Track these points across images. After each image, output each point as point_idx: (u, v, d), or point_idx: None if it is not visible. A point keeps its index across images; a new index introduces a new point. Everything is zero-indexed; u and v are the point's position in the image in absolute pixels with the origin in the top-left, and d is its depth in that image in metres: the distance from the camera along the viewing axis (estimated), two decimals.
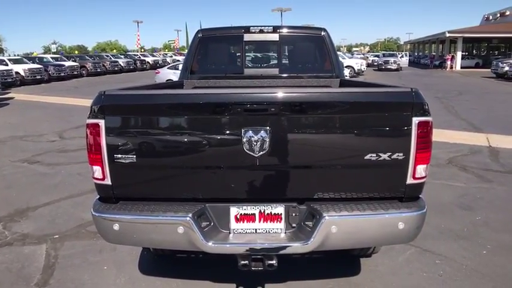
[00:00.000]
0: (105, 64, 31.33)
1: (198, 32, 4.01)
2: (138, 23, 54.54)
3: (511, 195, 4.68)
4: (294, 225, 2.15)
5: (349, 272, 3.01)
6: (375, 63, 36.22)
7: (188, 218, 2.02)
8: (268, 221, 2.15)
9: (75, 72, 27.13)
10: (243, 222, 2.15)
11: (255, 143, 1.98)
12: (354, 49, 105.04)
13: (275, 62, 4.08)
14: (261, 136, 1.97)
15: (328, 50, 4.00)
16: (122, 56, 38.35)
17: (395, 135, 2.06)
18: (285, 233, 2.15)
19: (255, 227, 2.15)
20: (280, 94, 2.02)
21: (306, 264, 3.12)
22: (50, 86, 21.68)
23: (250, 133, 1.97)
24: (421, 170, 2.08)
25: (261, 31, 3.94)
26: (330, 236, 2.02)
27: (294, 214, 2.13)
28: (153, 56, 43.41)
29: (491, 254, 3.29)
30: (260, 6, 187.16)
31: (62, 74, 25.44)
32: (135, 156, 2.03)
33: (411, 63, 42.69)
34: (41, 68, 23.34)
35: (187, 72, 3.99)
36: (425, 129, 2.03)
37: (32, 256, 3.32)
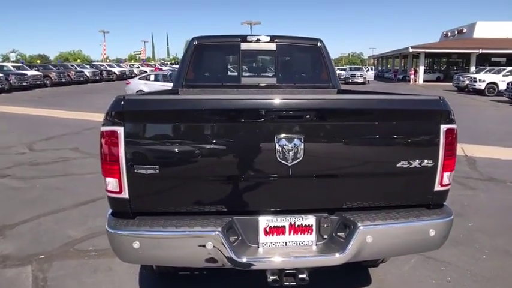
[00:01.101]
0: (70, 74, 30.17)
1: (193, 39, 3.90)
2: (104, 32, 53.31)
3: (494, 201, 4.87)
4: (325, 236, 2.06)
5: (359, 283, 2.96)
6: (342, 77, 37.18)
7: (218, 233, 1.87)
8: (299, 233, 2.03)
9: (38, 82, 25.86)
10: (273, 235, 2.02)
11: (288, 152, 1.88)
12: None
13: (272, 71, 4.04)
14: (295, 144, 1.88)
15: (324, 60, 4.02)
16: (88, 66, 37.16)
17: (425, 142, 2.05)
18: (316, 245, 2.05)
19: (285, 240, 2.03)
20: (316, 100, 1.96)
21: (315, 277, 3.04)
22: (12, 96, 20.53)
23: (283, 141, 1.88)
24: (447, 177, 2.09)
25: (258, 40, 3.89)
26: (365, 246, 1.95)
27: (325, 225, 2.03)
28: (120, 66, 42.41)
29: (491, 258, 3.36)
30: (229, 18, 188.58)
31: (24, 84, 24.18)
32: (157, 166, 1.86)
33: (376, 77, 44.20)
34: (1, 76, 22.10)
35: (181, 81, 3.85)
36: (451, 137, 2.04)
37: (17, 280, 3.01)
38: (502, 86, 21.25)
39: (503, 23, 40.98)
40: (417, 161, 2.00)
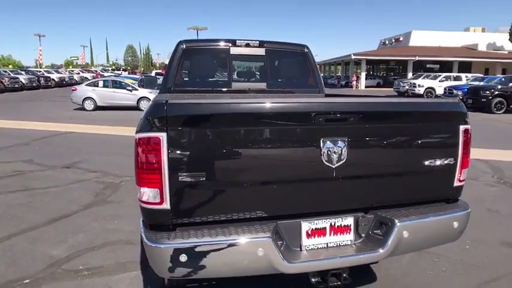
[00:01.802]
0: (3, 81, 27.72)
1: (180, 43, 3.79)
2: (40, 36, 49.72)
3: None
4: (362, 235, 2.12)
5: (367, 279, 3.04)
6: None
7: (268, 239, 1.83)
8: (338, 234, 2.07)
9: None
10: (314, 237, 2.03)
11: (333, 154, 1.93)
12: None
13: (262, 76, 4.04)
14: (340, 146, 1.93)
15: (311, 65, 4.13)
16: (23, 72, 34.36)
17: (447, 142, 2.20)
18: (355, 244, 2.10)
19: (326, 241, 2.05)
20: (358, 103, 2.01)
21: None
22: None
23: (329, 143, 1.92)
24: (464, 173, 2.25)
25: (248, 45, 3.89)
26: (402, 241, 2.04)
27: (363, 224, 2.10)
28: (59, 72, 39.84)
29: (473, 247, 3.64)
30: (173, 23, 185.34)
31: None
32: (203, 173, 1.78)
33: None
34: None
35: (170, 85, 3.72)
36: (467, 136, 2.21)
37: None
38: (439, 91, 23.42)
39: (436, 33, 44.79)
40: (441, 159, 2.15)
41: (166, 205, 1.81)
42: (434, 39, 43.17)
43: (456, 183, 2.26)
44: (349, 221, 2.09)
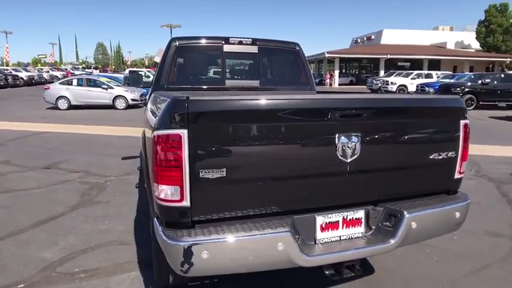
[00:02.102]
0: None
1: (173, 40, 3.74)
2: (6, 33, 47.53)
3: None
4: (373, 227, 2.18)
5: (365, 272, 3.12)
6: None
7: (288, 233, 1.85)
8: (350, 227, 2.13)
9: None
10: (328, 231, 2.08)
11: (348, 149, 1.98)
12: None
13: (255, 74, 4.05)
14: (354, 141, 1.99)
15: (303, 63, 4.18)
16: None
17: (449, 135, 2.30)
18: (365, 236, 2.16)
19: (338, 234, 2.11)
20: (371, 100, 2.07)
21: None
22: None
23: (343, 139, 1.97)
24: (463, 166, 2.35)
25: (241, 42, 3.89)
26: (410, 232, 2.11)
27: (373, 216, 2.17)
28: (27, 71, 38.24)
29: (460, 238, 3.80)
30: (146, 20, 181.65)
31: None
32: (224, 169, 1.78)
33: None
34: None
35: (163, 83, 3.67)
36: (467, 130, 2.32)
37: None
38: (411, 88, 24.17)
39: (406, 31, 46.11)
40: (444, 152, 2.24)
41: (186, 202, 1.80)
42: (405, 37, 44.44)
43: (456, 176, 2.37)
44: (360, 214, 2.15)
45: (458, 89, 17.35)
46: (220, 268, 1.86)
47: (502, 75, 18.65)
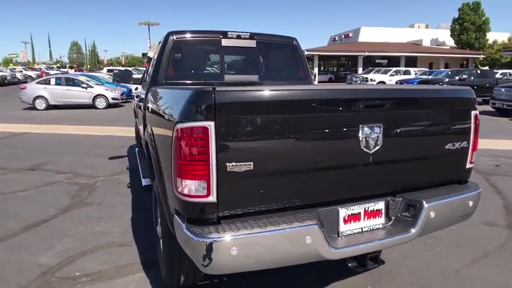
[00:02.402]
0: None
1: (170, 34, 3.64)
2: None
3: None
4: (392, 218, 2.19)
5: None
6: None
7: (316, 226, 1.83)
8: (371, 218, 2.12)
9: None
10: (350, 222, 2.06)
11: (371, 140, 1.98)
12: None
13: (253, 68, 3.99)
14: (376, 132, 1.98)
15: (300, 58, 4.17)
16: None
17: (463, 126, 2.32)
18: (385, 227, 2.16)
19: (360, 226, 2.10)
20: (393, 90, 2.07)
21: (327, 267, 3.12)
22: None
23: (366, 129, 1.97)
24: (474, 155, 2.38)
25: (239, 37, 3.83)
26: (429, 221, 2.13)
27: (393, 207, 2.17)
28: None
29: (459, 228, 3.86)
30: (122, 18, 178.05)
31: None
32: (251, 162, 1.73)
33: None
34: None
35: (161, 79, 3.56)
36: (477, 121, 2.36)
37: None
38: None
39: (383, 29, 46.88)
40: (458, 142, 2.27)
41: (213, 197, 1.73)
42: (382, 35, 45.19)
43: (468, 165, 2.41)
44: (380, 205, 2.15)
45: (437, 85, 17.79)
46: (248, 264, 1.80)
47: (478, 71, 19.26)
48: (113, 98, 16.08)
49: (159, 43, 4.07)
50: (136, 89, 19.96)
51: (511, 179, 5.72)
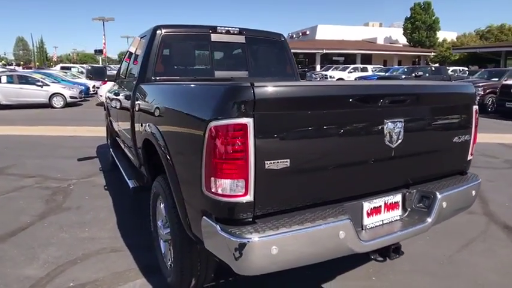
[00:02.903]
0: None
1: (157, 28, 3.48)
2: None
3: None
4: (408, 209, 2.25)
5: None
6: None
7: (348, 220, 1.84)
8: (390, 210, 2.17)
9: None
10: (372, 216, 2.10)
11: (394, 134, 2.03)
12: None
13: (243, 64, 3.93)
14: (399, 127, 2.04)
15: (288, 54, 4.17)
16: None
17: (467, 119, 2.44)
18: (402, 218, 2.22)
19: (381, 219, 2.14)
20: (413, 86, 2.17)
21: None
22: None
23: (390, 124, 2.01)
24: (474, 148, 2.51)
25: (228, 32, 3.75)
26: (442, 211, 2.22)
27: (409, 199, 2.23)
28: None
29: None
30: (73, 14, 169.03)
31: None
32: (288, 160, 1.70)
33: None
34: None
35: (150, 75, 3.41)
36: (477, 115, 2.49)
37: None
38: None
39: (339, 27, 48.18)
40: (463, 135, 2.40)
41: (250, 196, 1.68)
42: (338, 33, 46.45)
43: (469, 157, 2.54)
44: (398, 197, 2.21)
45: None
46: (286, 262, 1.78)
47: (433, 68, 20.34)
48: (71, 97, 15.28)
49: (141, 38, 3.90)
50: (94, 86, 19.17)
51: (478, 169, 6.10)
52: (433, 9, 42.33)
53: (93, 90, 18.96)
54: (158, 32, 3.47)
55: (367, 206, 2.08)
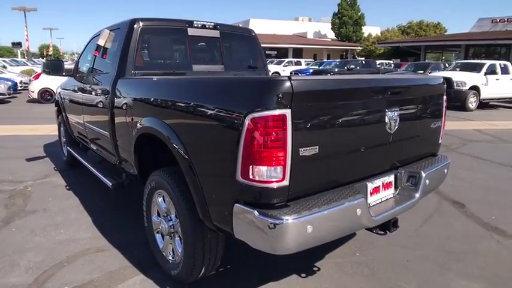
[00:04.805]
0: None
1: (134, 21, 3.39)
2: None
3: None
4: (399, 188, 2.55)
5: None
6: None
7: (363, 199, 2.09)
8: (386, 189, 2.46)
9: None
10: (374, 194, 2.36)
11: (392, 122, 2.33)
12: None
13: (218, 59, 3.98)
14: (396, 115, 2.35)
15: (259, 49, 4.32)
16: None
17: (440, 107, 2.85)
18: (395, 196, 2.52)
19: (380, 197, 2.42)
20: (410, 79, 2.55)
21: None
22: None
23: (390, 113, 2.32)
24: (443, 132, 2.93)
25: (204, 26, 3.79)
26: (426, 187, 2.58)
27: (400, 179, 2.55)
28: None
29: None
30: None
31: None
32: (317, 146, 1.90)
33: None
34: None
35: (130, 68, 3.32)
36: (446, 103, 2.90)
37: None
38: (285, 74, 26.18)
39: (271, 21, 49.11)
40: (437, 121, 2.82)
41: (286, 181, 1.83)
42: (270, 27, 47.33)
43: (440, 141, 2.97)
44: (391, 177, 2.51)
45: (329, 74, 19.63)
46: (318, 239, 1.96)
47: (363, 62, 21.88)
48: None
49: (112, 31, 3.75)
50: (22, 82, 17.46)
51: None
52: (359, 5, 45.25)
53: (21, 86, 17.31)
54: (136, 25, 3.39)
55: (370, 186, 2.34)
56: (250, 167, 1.79)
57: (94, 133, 3.99)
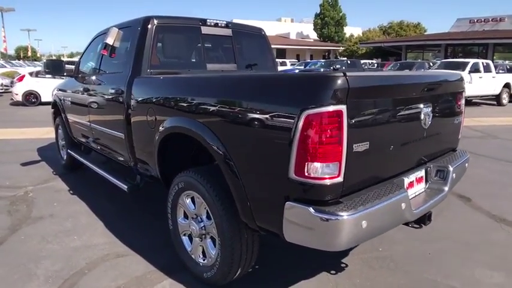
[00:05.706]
0: None
1: (150, 19, 3.30)
2: None
3: None
4: (429, 182, 2.58)
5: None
6: None
7: (406, 193, 2.10)
8: (419, 183, 2.48)
9: None
10: (409, 188, 2.36)
11: (427, 117, 2.38)
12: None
13: (231, 57, 3.93)
14: (430, 111, 2.40)
15: (269, 48, 4.30)
16: None
17: (460, 104, 2.91)
18: (425, 190, 2.54)
19: (415, 191, 2.43)
20: (442, 75, 2.65)
21: None
22: None
23: (425, 109, 2.36)
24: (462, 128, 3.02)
25: (217, 25, 3.74)
26: (453, 181, 2.61)
27: (430, 173, 2.58)
28: None
29: None
30: None
31: None
32: (368, 142, 1.91)
33: None
34: None
35: (146, 67, 3.24)
36: (465, 100, 2.99)
37: None
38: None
39: (254, 22, 48.99)
40: (458, 117, 2.89)
41: (341, 177, 1.82)
42: None
43: (459, 136, 3.04)
44: (423, 172, 2.53)
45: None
46: (369, 234, 1.96)
47: (349, 62, 22.12)
48: None
49: (121, 29, 3.66)
50: (2, 84, 16.98)
51: None
52: (340, 5, 45.76)
53: (1, 89, 16.73)
54: (150, 23, 3.31)
55: (406, 181, 2.35)
56: (306, 164, 1.76)
57: (103, 134, 3.87)
